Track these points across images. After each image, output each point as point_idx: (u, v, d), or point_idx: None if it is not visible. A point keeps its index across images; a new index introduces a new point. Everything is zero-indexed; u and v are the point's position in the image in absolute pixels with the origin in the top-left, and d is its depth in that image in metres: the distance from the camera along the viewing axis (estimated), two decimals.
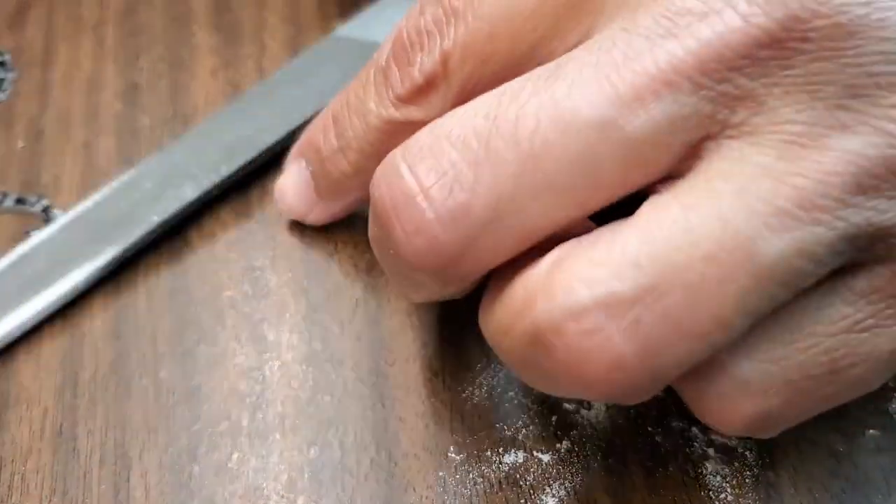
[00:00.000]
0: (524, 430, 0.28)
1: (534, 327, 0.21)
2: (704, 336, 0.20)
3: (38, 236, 0.32)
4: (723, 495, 0.26)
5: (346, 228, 0.33)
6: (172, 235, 0.33)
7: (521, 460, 0.27)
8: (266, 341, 0.30)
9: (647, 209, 0.21)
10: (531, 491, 0.27)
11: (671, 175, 0.21)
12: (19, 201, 0.34)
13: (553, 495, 0.27)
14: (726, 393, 0.22)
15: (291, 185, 0.31)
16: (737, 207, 0.20)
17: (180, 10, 0.40)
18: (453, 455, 0.28)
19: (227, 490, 0.27)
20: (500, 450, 0.28)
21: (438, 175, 0.22)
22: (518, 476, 0.27)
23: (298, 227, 0.33)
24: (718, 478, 0.27)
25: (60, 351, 0.30)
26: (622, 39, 0.21)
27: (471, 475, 0.27)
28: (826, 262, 0.20)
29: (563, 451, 0.27)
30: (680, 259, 0.20)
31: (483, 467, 0.27)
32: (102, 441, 0.28)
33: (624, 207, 0.22)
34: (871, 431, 0.27)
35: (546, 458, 0.27)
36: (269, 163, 0.34)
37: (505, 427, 0.28)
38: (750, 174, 0.20)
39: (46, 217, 0.33)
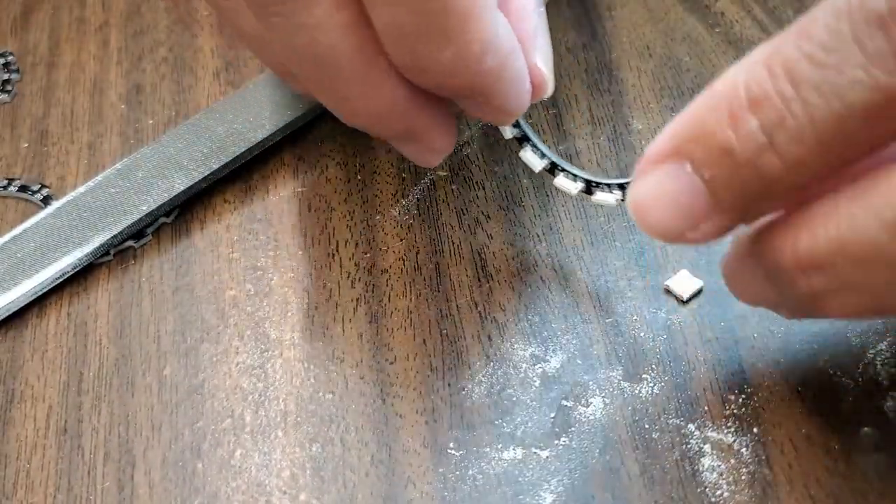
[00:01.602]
0: (523, 427, 0.28)
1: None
2: None
3: (30, 221, 0.33)
4: (718, 492, 0.27)
5: (348, 227, 0.33)
6: (176, 234, 0.33)
7: (519, 457, 0.28)
8: (268, 339, 0.30)
9: None
10: (529, 487, 0.27)
11: None
12: (22, 189, 0.35)
13: (551, 491, 0.27)
14: None
15: (661, 196, 0.23)
16: None
17: (183, 12, 0.40)
18: (452, 451, 0.28)
19: (230, 486, 0.28)
20: (499, 446, 0.28)
21: None
22: (517, 472, 0.27)
23: (300, 227, 0.33)
24: (714, 474, 0.27)
25: (65, 349, 0.31)
26: None
27: (470, 471, 0.27)
28: None
29: (561, 447, 0.28)
30: None
31: (482, 463, 0.28)
32: (106, 438, 0.29)
33: None
34: (866, 429, 0.27)
35: (544, 454, 0.28)
36: (274, 163, 0.35)
37: (504, 424, 0.28)
38: None
39: (47, 206, 0.34)
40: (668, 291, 0.30)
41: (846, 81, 0.20)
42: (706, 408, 0.28)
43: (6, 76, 0.38)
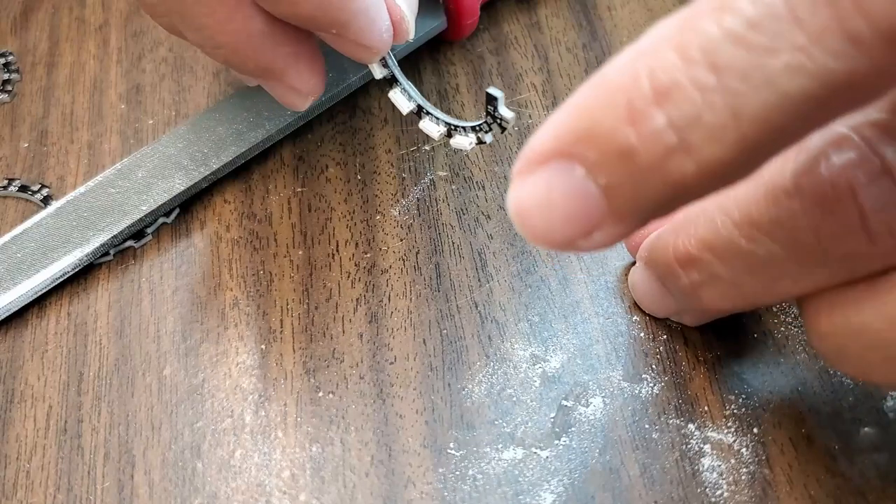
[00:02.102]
0: (523, 427, 0.28)
1: None
2: None
3: (30, 221, 0.33)
4: (719, 492, 0.27)
5: (348, 227, 0.33)
6: (176, 234, 0.33)
7: (519, 457, 0.28)
8: (268, 340, 0.30)
9: None
10: (530, 487, 0.27)
11: None
12: (22, 189, 0.35)
13: (551, 491, 0.27)
14: None
15: (546, 202, 0.20)
16: None
17: None
18: (452, 451, 0.28)
19: (230, 486, 0.28)
20: (499, 446, 0.28)
21: None
22: (517, 472, 0.27)
23: (300, 227, 0.33)
24: (715, 474, 0.27)
25: (65, 349, 0.31)
26: None
27: (470, 471, 0.27)
28: None
29: (561, 447, 0.28)
30: None
31: (482, 464, 0.28)
32: (106, 438, 0.29)
33: None
34: (866, 429, 0.28)
35: (544, 454, 0.28)
36: (274, 163, 0.35)
37: (504, 424, 0.28)
38: None
39: (47, 206, 0.34)
40: None
41: (782, 66, 0.17)
42: (706, 408, 0.28)
43: (6, 76, 0.38)
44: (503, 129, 0.29)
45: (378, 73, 0.31)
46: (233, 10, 0.28)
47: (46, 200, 0.34)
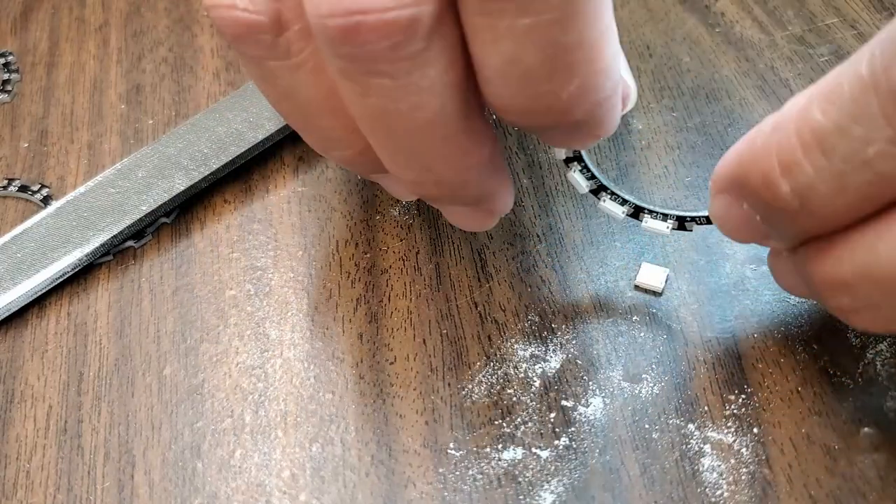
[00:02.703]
0: (523, 427, 0.28)
1: None
2: None
3: (30, 221, 0.33)
4: (719, 492, 0.27)
5: (347, 228, 0.33)
6: (176, 234, 0.33)
7: (519, 457, 0.28)
8: (268, 339, 0.31)
9: None
10: (530, 487, 0.27)
11: None
12: (22, 189, 0.35)
13: (551, 491, 0.27)
14: None
15: (729, 219, 0.26)
16: None
17: (182, 12, 0.40)
18: (453, 451, 0.28)
19: (230, 486, 0.28)
20: (500, 446, 0.28)
21: None
22: (517, 472, 0.27)
23: (300, 227, 0.33)
24: (715, 474, 0.27)
25: (65, 349, 0.31)
26: None
27: (470, 471, 0.27)
28: None
29: (561, 447, 0.28)
30: None
31: (482, 464, 0.28)
32: (106, 438, 0.29)
33: None
34: (866, 429, 0.28)
35: (545, 454, 0.28)
36: (274, 163, 0.35)
37: (504, 424, 0.28)
38: None
39: (47, 206, 0.34)
40: (639, 288, 0.30)
41: (875, 154, 0.21)
42: (706, 408, 0.28)
43: (6, 76, 0.38)
44: None
45: (562, 153, 0.29)
46: (473, 146, 0.24)
47: (46, 200, 0.34)
